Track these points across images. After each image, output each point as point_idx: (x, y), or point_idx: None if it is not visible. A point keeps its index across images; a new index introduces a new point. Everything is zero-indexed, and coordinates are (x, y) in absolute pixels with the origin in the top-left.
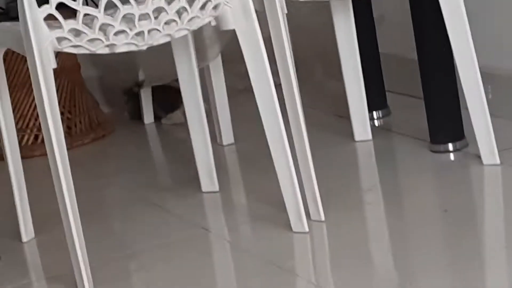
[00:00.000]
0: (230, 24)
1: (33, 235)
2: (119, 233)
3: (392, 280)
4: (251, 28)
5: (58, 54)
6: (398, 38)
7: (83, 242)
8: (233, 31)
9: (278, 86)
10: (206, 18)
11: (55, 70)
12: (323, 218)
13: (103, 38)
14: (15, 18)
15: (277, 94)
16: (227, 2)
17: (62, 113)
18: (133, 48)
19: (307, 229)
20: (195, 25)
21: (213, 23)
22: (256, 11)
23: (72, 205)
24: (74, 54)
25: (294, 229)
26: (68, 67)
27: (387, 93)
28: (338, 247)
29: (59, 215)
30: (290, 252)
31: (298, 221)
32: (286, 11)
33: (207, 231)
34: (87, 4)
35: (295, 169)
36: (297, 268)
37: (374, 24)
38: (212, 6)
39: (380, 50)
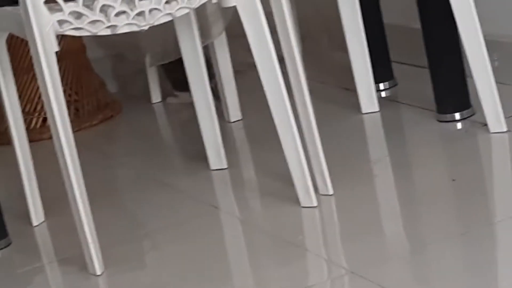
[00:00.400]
0: (231, 0)
1: (43, 218)
2: (130, 214)
3: (402, 251)
4: (252, 4)
5: (62, 37)
6: (401, 8)
7: (92, 224)
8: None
9: (282, 60)
10: None
11: (60, 53)
12: (331, 192)
13: (104, 20)
14: (17, 2)
15: (282, 68)
16: None
17: (69, 95)
18: (134, 28)
19: (315, 203)
20: (196, 3)
21: (214, 1)
22: None
23: (79, 187)
24: (79, 36)
25: (302, 204)
26: (73, 49)
27: (392, 64)
28: (347, 220)
29: (68, 198)
30: (299, 227)
31: (306, 196)
32: None
33: (216, 209)
34: None
35: (302, 143)
36: (307, 243)
37: None
38: None
39: (384, 21)
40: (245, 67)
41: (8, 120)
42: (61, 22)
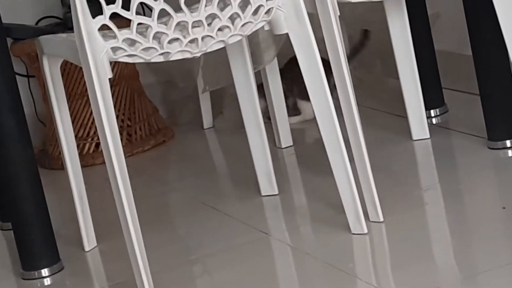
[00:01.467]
0: (283, 28)
1: (95, 243)
2: (182, 239)
3: (453, 279)
4: (304, 31)
5: (116, 63)
6: (453, 34)
7: (143, 249)
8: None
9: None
10: (259, 23)
11: (113, 78)
12: (381, 219)
13: (157, 47)
14: (72, 28)
15: (333, 94)
16: (280, 6)
17: (122, 121)
18: (187, 55)
19: (366, 230)
20: (248, 30)
21: (266, 28)
22: (308, 14)
23: (131, 213)
24: (132, 63)
25: (353, 231)
26: (126, 74)
27: (443, 90)
28: (398, 248)
29: (120, 223)
30: (350, 254)
31: (357, 223)
32: (338, 13)
33: (267, 235)
34: (144, 13)
35: (353, 169)
36: (357, 270)
37: (428, 21)
38: (264, 10)
39: (435, 48)
40: None
41: (61, 145)
42: (115, 49)
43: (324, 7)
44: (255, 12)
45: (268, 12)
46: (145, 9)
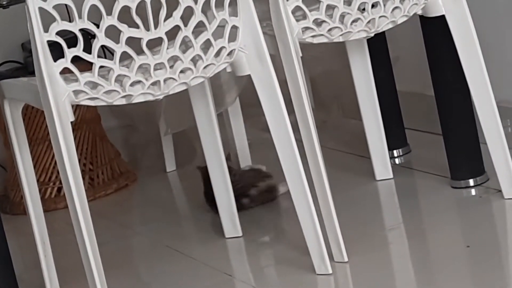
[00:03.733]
0: (246, 69)
1: None
2: (146, 284)
3: None
4: (266, 72)
5: (78, 106)
6: (415, 75)
7: None
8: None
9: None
10: (221, 64)
11: (75, 122)
12: (346, 259)
13: (119, 89)
14: (33, 73)
15: (296, 136)
16: (242, 48)
17: (84, 165)
18: (149, 98)
19: (330, 271)
20: (210, 72)
21: (229, 69)
22: (270, 55)
23: (95, 258)
24: (93, 106)
25: (317, 272)
26: (88, 118)
27: (406, 130)
28: (364, 287)
29: (84, 267)
30: None
31: (322, 264)
32: (301, 54)
33: (231, 277)
34: (104, 56)
35: (317, 211)
36: None
37: (390, 62)
38: (227, 52)
39: (397, 88)
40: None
41: (23, 189)
42: (76, 92)
43: (286, 49)
44: (217, 54)
45: (230, 53)
46: (106, 52)
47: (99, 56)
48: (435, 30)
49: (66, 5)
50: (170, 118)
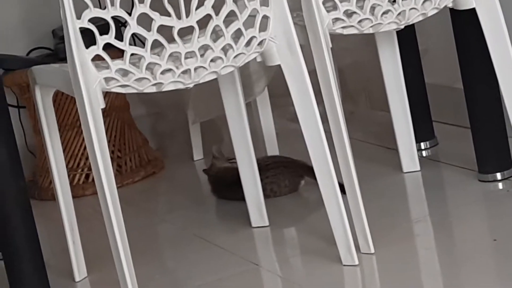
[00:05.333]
0: (276, 59)
1: (85, 274)
2: (172, 270)
3: None
4: (296, 63)
5: (107, 93)
6: (443, 68)
7: (135, 281)
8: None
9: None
10: (251, 54)
11: (104, 110)
12: (372, 251)
13: (150, 77)
14: (64, 59)
15: (324, 127)
16: (272, 38)
17: (112, 152)
18: (180, 86)
19: (357, 262)
20: (241, 62)
21: (259, 59)
22: (301, 46)
23: (123, 244)
24: (123, 93)
25: (344, 262)
26: (117, 106)
27: (434, 123)
28: (388, 280)
29: (111, 254)
30: (340, 285)
31: (348, 254)
32: (331, 45)
33: (258, 266)
34: (134, 44)
35: (344, 202)
36: None
37: (419, 55)
38: (257, 42)
39: (426, 81)
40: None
41: (52, 175)
42: (107, 79)
43: (317, 39)
44: (248, 43)
45: (260, 43)
46: (136, 40)
47: (130, 44)
48: (465, 23)
49: None
50: (199, 106)
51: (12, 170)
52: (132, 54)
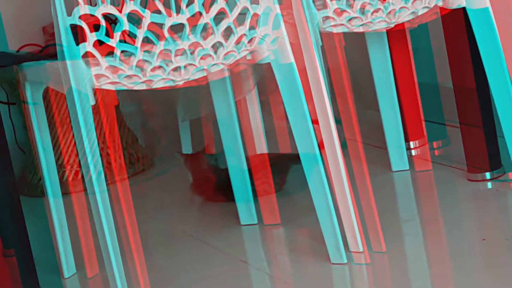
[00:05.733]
0: (266, 58)
1: (74, 270)
2: (161, 268)
3: None
4: (286, 61)
5: (97, 91)
6: (434, 67)
7: (123, 277)
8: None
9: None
10: (241, 52)
11: (94, 107)
12: (361, 249)
13: (140, 75)
14: (54, 56)
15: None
16: (263, 36)
17: (101, 149)
18: (170, 83)
19: (345, 261)
20: (231, 59)
21: (249, 57)
22: (291, 44)
23: (112, 241)
24: (113, 90)
25: (332, 261)
26: (106, 103)
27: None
28: (377, 278)
29: (100, 251)
30: (329, 284)
31: (337, 253)
32: (321, 43)
33: (247, 264)
34: (124, 41)
35: (333, 200)
36: None
37: (408, 54)
38: (247, 40)
39: (417, 79)
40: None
41: (42, 172)
42: (98, 76)
43: (306, 37)
44: (238, 41)
45: (250, 41)
46: (126, 37)
47: (120, 41)
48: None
49: None
50: (188, 104)
51: (1, 166)
52: (122, 51)
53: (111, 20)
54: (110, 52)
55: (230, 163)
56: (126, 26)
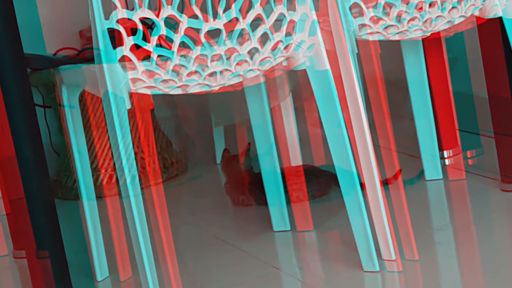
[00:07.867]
0: (301, 64)
1: (107, 273)
2: (193, 273)
3: None
4: (322, 68)
5: (132, 94)
6: (470, 76)
7: (156, 281)
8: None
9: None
10: (277, 58)
11: (129, 110)
12: (394, 258)
13: (176, 79)
14: (91, 60)
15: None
16: (298, 43)
17: (136, 153)
18: (205, 88)
19: (378, 268)
20: (266, 65)
21: (285, 64)
22: (326, 51)
23: (145, 245)
24: (149, 94)
25: (365, 269)
26: (141, 107)
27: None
28: (412, 286)
29: (133, 254)
30: None
31: (369, 260)
32: (356, 51)
33: (278, 270)
34: (160, 46)
35: (367, 208)
36: None
37: (444, 63)
38: (283, 46)
39: (452, 89)
40: None
41: (77, 175)
42: (134, 80)
43: (342, 45)
44: (274, 47)
45: (286, 47)
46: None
47: (157, 45)
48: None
49: None
50: (222, 110)
51: (37, 168)
52: (158, 56)
53: (148, 25)
54: (146, 56)
55: (264, 169)
56: (163, 30)
